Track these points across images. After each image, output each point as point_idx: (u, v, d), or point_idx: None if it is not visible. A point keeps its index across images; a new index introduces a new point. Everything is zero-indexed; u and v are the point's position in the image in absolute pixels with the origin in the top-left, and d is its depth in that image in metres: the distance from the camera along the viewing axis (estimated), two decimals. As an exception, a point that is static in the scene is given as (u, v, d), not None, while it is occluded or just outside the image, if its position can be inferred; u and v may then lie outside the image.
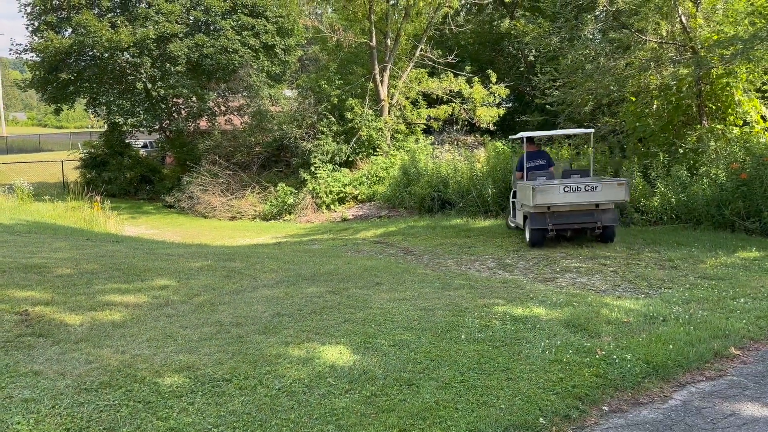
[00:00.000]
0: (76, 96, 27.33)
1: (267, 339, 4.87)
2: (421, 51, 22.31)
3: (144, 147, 32.50)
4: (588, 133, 12.45)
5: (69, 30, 25.42)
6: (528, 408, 3.78)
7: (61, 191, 25.25)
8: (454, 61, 22.11)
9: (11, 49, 27.01)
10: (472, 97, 21.44)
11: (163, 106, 26.97)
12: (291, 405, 3.75)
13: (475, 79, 21.58)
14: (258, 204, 21.37)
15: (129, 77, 25.65)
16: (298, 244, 13.45)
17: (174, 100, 27.08)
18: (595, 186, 9.90)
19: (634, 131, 14.09)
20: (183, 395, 3.80)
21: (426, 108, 22.25)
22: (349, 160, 21.24)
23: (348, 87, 21.76)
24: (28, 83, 27.15)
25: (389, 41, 21.82)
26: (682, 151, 13.02)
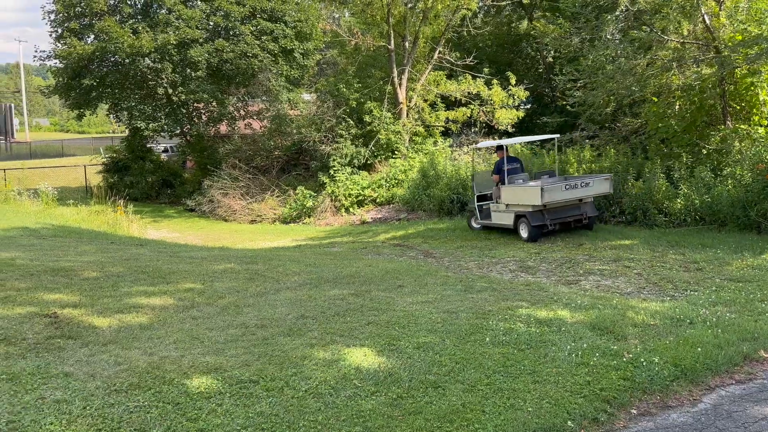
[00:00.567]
0: (98, 101, 27.63)
1: (292, 341, 4.90)
2: (440, 53, 22.28)
3: (165, 152, 32.83)
4: (553, 139, 14.09)
5: (91, 36, 25.77)
6: (555, 411, 3.76)
7: (84, 195, 25.61)
8: (472, 63, 22.04)
9: (35, 56, 27.47)
10: (491, 99, 21.35)
11: (184, 110, 27.21)
12: (318, 407, 3.77)
13: (495, 81, 21.50)
14: (277, 207, 21.49)
15: (150, 82, 25.92)
16: (318, 246, 13.50)
17: (195, 104, 27.30)
18: (588, 182, 11.06)
19: (656, 132, 13.93)
20: (211, 396, 3.84)
21: (444, 110, 22.21)
22: (368, 163, 21.27)
23: (366, 90, 21.80)
24: (51, 89, 27.54)
25: (407, 44, 21.83)
26: (705, 152, 12.85)
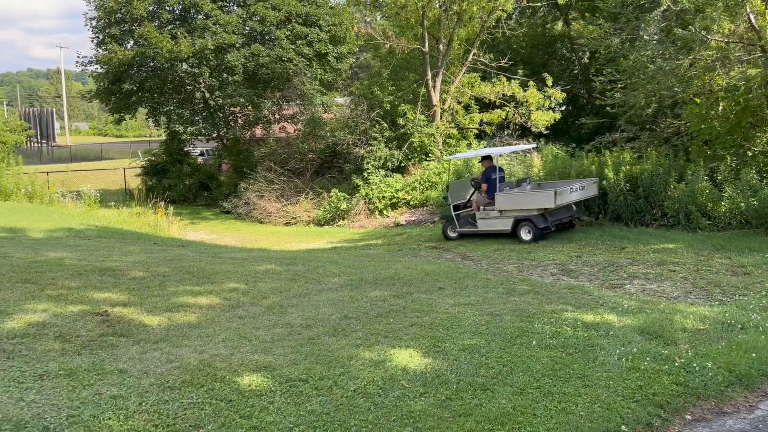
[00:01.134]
0: (137, 106, 28.27)
1: (337, 341, 4.93)
2: (474, 55, 22.16)
3: (201, 155, 33.39)
4: (531, 149, 15.50)
5: (131, 42, 26.38)
6: (608, 415, 3.71)
7: (124, 197, 26.21)
8: (506, 65, 21.87)
9: (77, 62, 28.37)
10: (526, 101, 21.15)
11: (221, 114, 27.65)
12: (367, 406, 3.79)
13: (531, 83, 21.30)
14: (312, 210, 21.65)
15: (188, 87, 26.39)
16: (354, 248, 13.56)
17: (231, 108, 27.72)
18: (584, 186, 12.09)
19: (698, 134, 13.61)
20: (262, 394, 3.89)
21: (478, 112, 22.08)
22: (402, 165, 21.28)
23: (400, 93, 21.83)
24: (93, 94, 28.27)
25: (441, 46, 21.78)
26: (751, 154, 12.52)
